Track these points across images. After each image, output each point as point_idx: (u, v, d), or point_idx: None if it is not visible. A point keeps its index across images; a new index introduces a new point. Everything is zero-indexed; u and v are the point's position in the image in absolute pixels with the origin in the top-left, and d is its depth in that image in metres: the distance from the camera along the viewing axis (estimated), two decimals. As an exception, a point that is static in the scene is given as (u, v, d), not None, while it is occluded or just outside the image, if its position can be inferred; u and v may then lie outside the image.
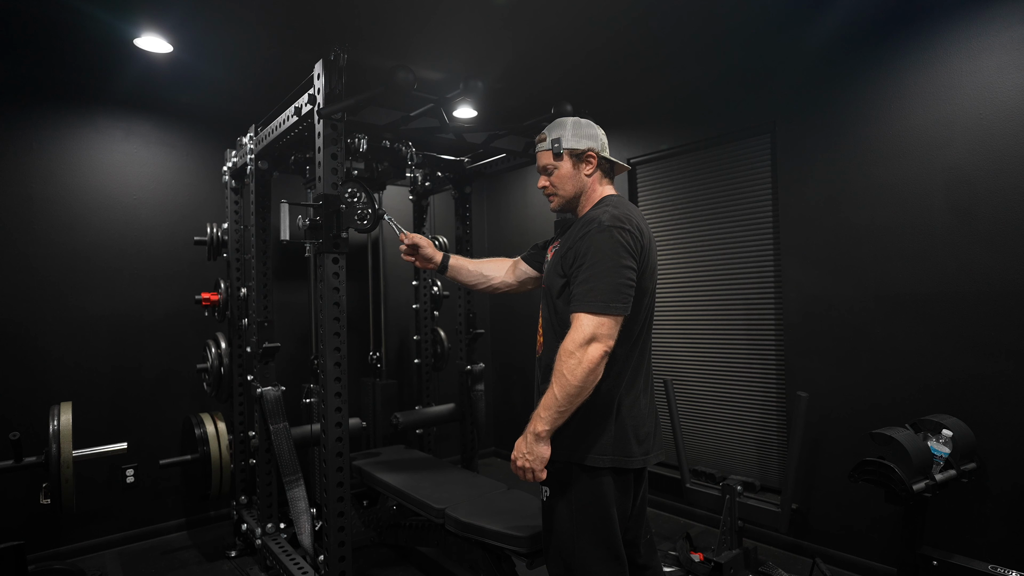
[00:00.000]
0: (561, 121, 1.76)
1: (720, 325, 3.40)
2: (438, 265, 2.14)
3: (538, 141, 1.78)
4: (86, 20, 2.63)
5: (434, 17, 2.73)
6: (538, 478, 1.57)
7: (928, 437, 2.24)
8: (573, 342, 1.51)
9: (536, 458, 1.55)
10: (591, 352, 1.49)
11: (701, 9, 2.74)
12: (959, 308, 2.46)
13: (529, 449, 1.55)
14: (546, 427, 1.54)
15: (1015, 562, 2.22)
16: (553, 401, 1.52)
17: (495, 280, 2.13)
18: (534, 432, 1.55)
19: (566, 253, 1.65)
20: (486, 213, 5.08)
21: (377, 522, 2.99)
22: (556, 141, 1.72)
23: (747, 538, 2.98)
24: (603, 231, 1.57)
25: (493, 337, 4.99)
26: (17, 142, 3.06)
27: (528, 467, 1.56)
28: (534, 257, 2.07)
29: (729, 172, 3.35)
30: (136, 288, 3.38)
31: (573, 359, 1.49)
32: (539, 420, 1.54)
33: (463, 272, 2.15)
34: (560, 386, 1.50)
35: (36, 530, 3.04)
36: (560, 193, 1.76)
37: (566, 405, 1.51)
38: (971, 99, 2.41)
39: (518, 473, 1.58)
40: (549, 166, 1.75)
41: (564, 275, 1.65)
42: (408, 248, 2.16)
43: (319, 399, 2.17)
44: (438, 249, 2.19)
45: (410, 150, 3.00)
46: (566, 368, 1.50)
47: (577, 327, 1.52)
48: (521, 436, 1.59)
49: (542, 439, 1.55)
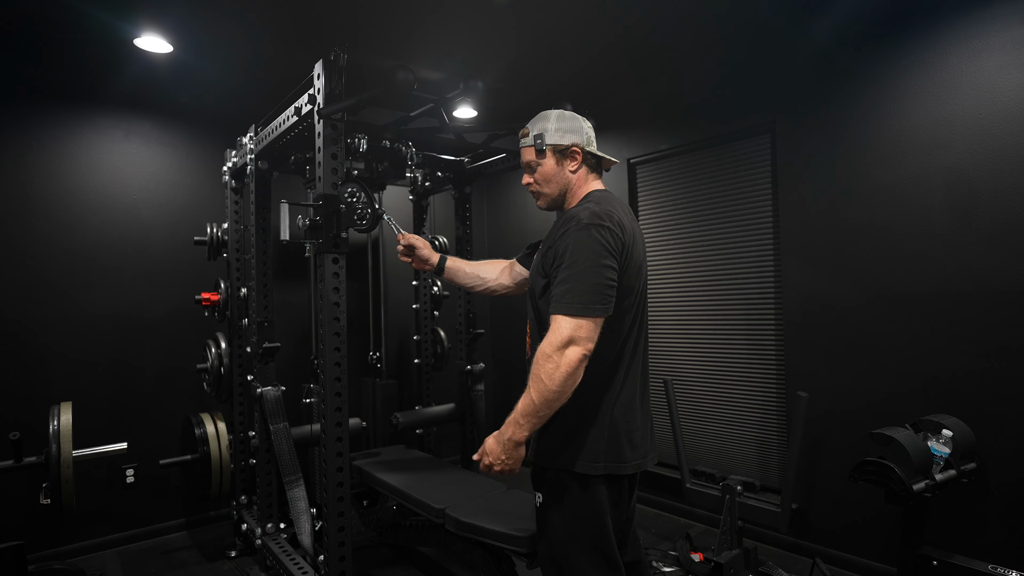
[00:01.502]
0: (544, 114, 1.70)
1: (720, 325, 3.40)
2: (435, 267, 2.13)
3: (521, 136, 1.72)
4: (86, 20, 2.63)
5: (434, 17, 2.74)
6: (514, 472, 1.58)
7: (928, 437, 2.24)
8: (551, 345, 1.46)
9: (515, 461, 1.55)
10: (569, 355, 1.44)
11: (701, 9, 2.74)
12: (959, 308, 2.46)
13: (508, 455, 1.54)
14: (525, 433, 1.51)
15: (1015, 562, 2.22)
16: (531, 406, 1.48)
17: (492, 282, 2.11)
18: (513, 439, 1.52)
19: (546, 252, 1.60)
20: (486, 213, 5.08)
21: (377, 522, 2.99)
22: (538, 137, 1.66)
23: (747, 538, 2.98)
24: (581, 229, 1.51)
25: (493, 337, 4.99)
26: (17, 142, 3.06)
27: (507, 470, 1.56)
28: (528, 258, 2.03)
29: (729, 172, 3.35)
30: (136, 288, 3.38)
31: (551, 363, 1.45)
32: (517, 426, 1.51)
33: (460, 274, 2.14)
34: (538, 391, 1.46)
35: (36, 530, 3.04)
36: (545, 191, 1.71)
37: (544, 410, 1.48)
38: (971, 99, 2.41)
39: (487, 471, 1.59)
40: (532, 163, 1.70)
41: (545, 275, 1.60)
42: (405, 249, 2.16)
43: (319, 399, 2.17)
44: (437, 250, 2.19)
45: (410, 150, 2.99)
46: (544, 372, 1.46)
47: (555, 329, 1.47)
48: (492, 437, 1.57)
49: (521, 444, 1.54)
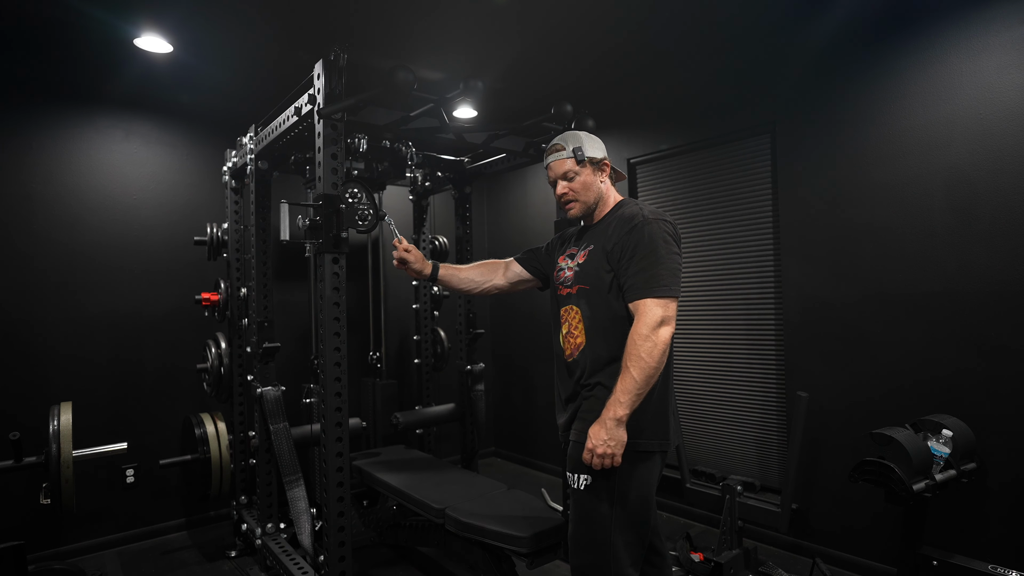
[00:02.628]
0: (574, 134, 1.86)
1: (720, 325, 3.40)
2: (428, 276, 2.14)
3: (555, 151, 1.85)
4: (86, 20, 2.63)
5: (434, 17, 2.74)
6: (617, 463, 1.61)
7: (928, 437, 2.24)
8: (646, 326, 1.60)
9: (618, 443, 1.60)
10: (663, 334, 1.61)
11: (701, 9, 2.74)
12: (959, 308, 2.46)
13: (611, 435, 1.59)
14: (627, 411, 1.59)
15: (1015, 562, 2.22)
16: (633, 384, 1.58)
17: (486, 284, 2.16)
18: (615, 418, 1.59)
19: (612, 249, 1.72)
20: (486, 213, 5.08)
21: (377, 522, 2.99)
22: (578, 149, 1.81)
23: (747, 538, 2.98)
24: (649, 223, 1.68)
25: (493, 337, 4.99)
26: (17, 142, 3.06)
27: (610, 452, 1.59)
28: (530, 261, 2.11)
29: (729, 172, 3.35)
30: (136, 288, 3.38)
31: (649, 342, 1.59)
32: (619, 405, 1.59)
33: (454, 280, 2.16)
34: (640, 368, 1.58)
35: (36, 530, 3.04)
36: (582, 199, 1.83)
37: (644, 387, 1.59)
38: (971, 99, 2.41)
39: (596, 462, 1.61)
40: (570, 172, 1.82)
41: (611, 270, 1.72)
42: (400, 257, 2.12)
43: (319, 399, 2.17)
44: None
45: (410, 150, 3.00)
46: (643, 351, 1.58)
47: (645, 312, 1.62)
48: (597, 425, 1.62)
49: (623, 423, 1.60)
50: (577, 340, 1.79)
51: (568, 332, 1.82)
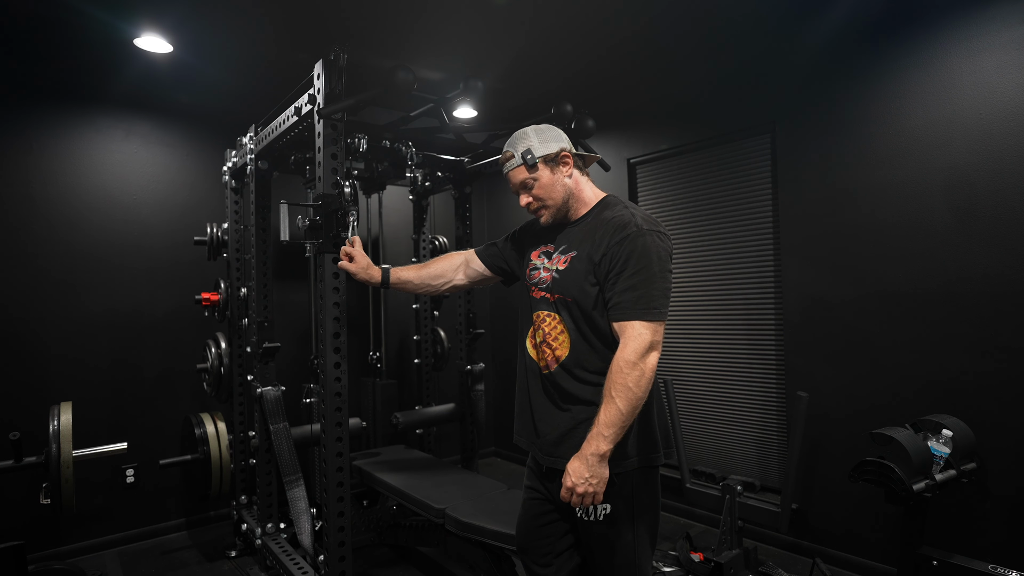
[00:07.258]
0: (521, 133, 1.68)
1: (720, 325, 3.40)
2: (378, 283, 1.98)
3: (505, 160, 1.68)
4: (86, 20, 2.63)
5: (434, 17, 2.74)
6: (598, 501, 1.48)
7: (928, 437, 2.24)
8: (635, 352, 1.45)
9: (600, 480, 1.46)
10: (651, 361, 1.46)
11: (701, 9, 2.74)
12: (959, 308, 2.46)
13: (592, 472, 1.45)
14: (610, 446, 1.45)
15: (1015, 562, 2.21)
16: (618, 416, 1.44)
17: (445, 285, 2.00)
18: (597, 453, 1.44)
19: (600, 261, 1.55)
20: (486, 213, 5.08)
21: (377, 522, 2.99)
22: (527, 152, 1.63)
23: (747, 538, 2.98)
24: (644, 235, 1.52)
25: (493, 337, 4.99)
26: (17, 142, 3.06)
27: (591, 491, 1.46)
28: (491, 258, 1.93)
29: (729, 172, 3.35)
30: (136, 288, 3.38)
31: (636, 370, 1.44)
32: (602, 439, 1.44)
33: (409, 285, 2.01)
34: (626, 399, 1.43)
35: (36, 530, 3.04)
36: (549, 203, 1.66)
37: (629, 419, 1.45)
38: (971, 99, 2.41)
39: (576, 500, 1.47)
40: (527, 180, 1.65)
41: (597, 283, 1.56)
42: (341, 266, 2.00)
43: (319, 399, 2.17)
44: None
45: (410, 150, 2.99)
46: (631, 381, 1.44)
47: (634, 336, 1.46)
48: (577, 461, 1.47)
49: (605, 460, 1.46)
50: (557, 352, 1.62)
51: (544, 341, 1.65)
